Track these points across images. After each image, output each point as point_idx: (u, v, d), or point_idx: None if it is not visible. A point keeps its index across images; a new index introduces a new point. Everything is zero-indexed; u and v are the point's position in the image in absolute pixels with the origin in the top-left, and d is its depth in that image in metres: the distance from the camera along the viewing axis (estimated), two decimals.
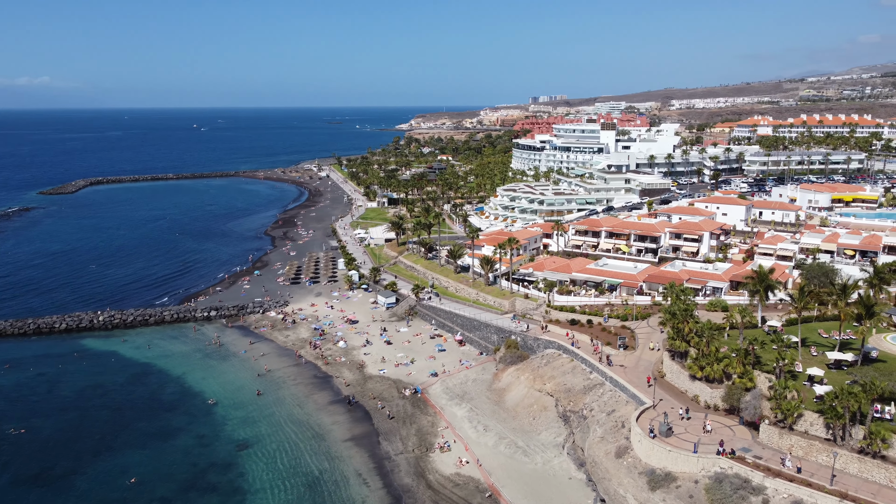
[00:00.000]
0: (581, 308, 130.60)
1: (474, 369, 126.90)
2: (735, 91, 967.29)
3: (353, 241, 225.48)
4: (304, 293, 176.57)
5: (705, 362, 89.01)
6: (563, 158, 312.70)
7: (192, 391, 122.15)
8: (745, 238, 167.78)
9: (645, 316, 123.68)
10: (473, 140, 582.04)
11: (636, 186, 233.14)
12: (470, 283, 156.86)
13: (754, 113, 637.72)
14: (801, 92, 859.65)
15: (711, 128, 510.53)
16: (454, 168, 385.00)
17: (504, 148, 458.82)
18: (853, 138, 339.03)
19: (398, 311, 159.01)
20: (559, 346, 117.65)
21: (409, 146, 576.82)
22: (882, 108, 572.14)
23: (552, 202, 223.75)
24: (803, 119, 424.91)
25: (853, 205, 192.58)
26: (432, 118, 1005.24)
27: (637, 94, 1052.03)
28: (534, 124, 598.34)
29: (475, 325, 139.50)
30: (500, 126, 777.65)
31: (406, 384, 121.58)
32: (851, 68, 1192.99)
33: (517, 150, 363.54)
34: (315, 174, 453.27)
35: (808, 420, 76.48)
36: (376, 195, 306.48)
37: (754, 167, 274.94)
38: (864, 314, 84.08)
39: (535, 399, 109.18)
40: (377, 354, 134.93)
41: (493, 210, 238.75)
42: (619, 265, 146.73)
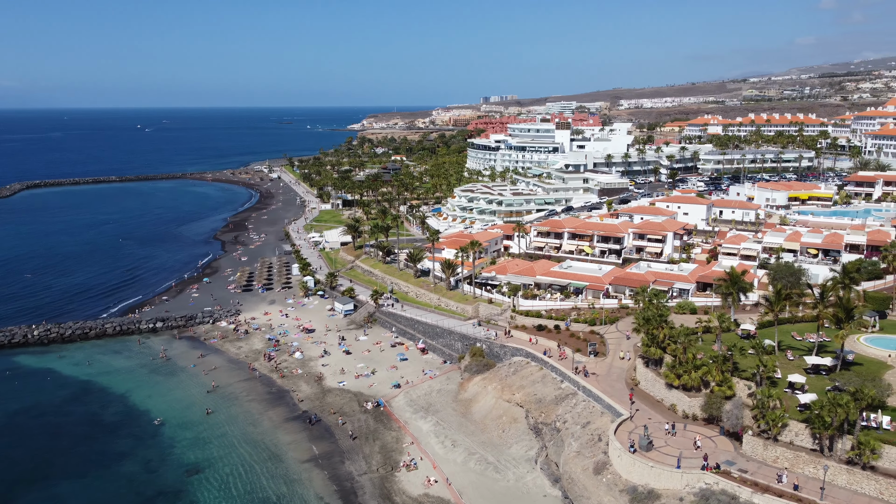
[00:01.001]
0: (547, 313, 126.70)
1: (438, 379, 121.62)
2: (681, 91, 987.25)
3: (307, 244, 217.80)
4: (256, 301, 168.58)
5: (682, 370, 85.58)
6: (519, 158, 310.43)
7: (136, 411, 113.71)
8: (706, 237, 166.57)
9: (613, 320, 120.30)
10: (427, 140, 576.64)
11: (595, 186, 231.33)
12: (431, 288, 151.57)
13: (701, 112, 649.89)
14: (745, 92, 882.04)
15: (661, 127, 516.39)
16: (409, 168, 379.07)
17: (458, 148, 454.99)
18: (801, 136, 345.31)
19: (357, 318, 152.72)
20: (527, 353, 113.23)
21: (362, 146, 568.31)
22: (822, 107, 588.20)
23: (511, 203, 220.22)
24: (751, 118, 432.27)
25: (809, 203, 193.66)
26: (384, 118, 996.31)
27: (587, 94, 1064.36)
28: (487, 124, 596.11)
29: (438, 332, 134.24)
30: (452, 126, 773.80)
31: (367, 397, 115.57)
32: (790, 69, 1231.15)
33: (472, 149, 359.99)
34: (266, 176, 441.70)
35: (793, 430, 73.45)
36: (330, 197, 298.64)
37: (709, 166, 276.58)
38: (844, 317, 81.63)
39: (504, 410, 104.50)
40: (336, 365, 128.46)
41: (450, 211, 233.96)
42: (584, 267, 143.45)
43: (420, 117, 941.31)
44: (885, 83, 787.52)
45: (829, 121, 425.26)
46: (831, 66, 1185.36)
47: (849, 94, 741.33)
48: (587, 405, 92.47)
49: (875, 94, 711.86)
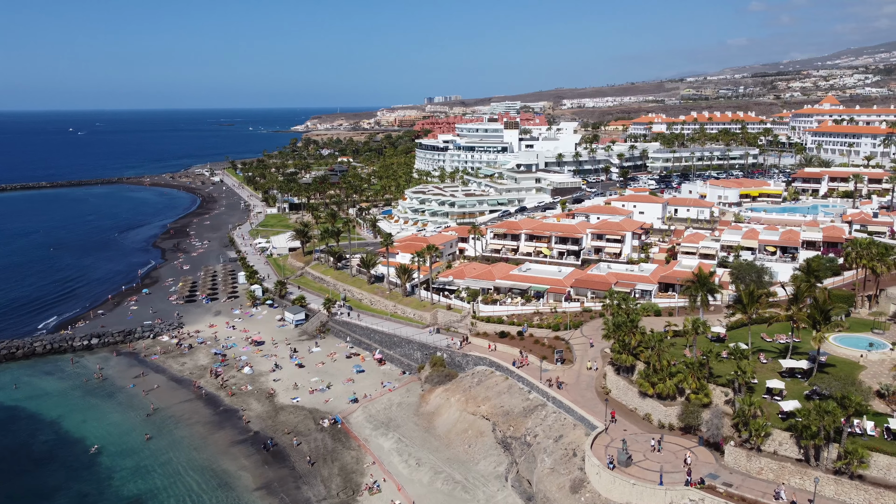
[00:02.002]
0: (509, 318, 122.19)
1: (398, 391, 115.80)
2: (622, 91, 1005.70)
3: (253, 251, 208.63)
4: (200, 312, 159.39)
5: (657, 378, 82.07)
6: (468, 158, 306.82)
7: (70, 438, 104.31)
8: (663, 236, 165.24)
9: (577, 324, 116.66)
10: (374, 141, 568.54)
11: (547, 186, 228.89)
12: (386, 295, 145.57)
13: (642, 111, 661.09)
14: (682, 91, 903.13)
15: (605, 126, 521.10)
16: (356, 170, 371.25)
17: (406, 148, 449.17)
18: (743, 134, 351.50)
19: (308, 328, 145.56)
20: (491, 362, 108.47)
21: (307, 148, 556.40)
22: (757, 105, 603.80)
23: (464, 204, 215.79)
24: (693, 116, 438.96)
25: (759, 199, 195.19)
26: (328, 119, 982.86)
27: (530, 94, 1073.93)
28: (434, 124, 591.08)
29: (395, 342, 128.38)
30: (398, 126, 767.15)
31: (324, 414, 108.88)
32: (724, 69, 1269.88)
33: (420, 150, 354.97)
34: (207, 179, 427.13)
35: (777, 439, 70.50)
36: (276, 200, 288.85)
37: (658, 164, 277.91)
38: (821, 319, 79.36)
39: (469, 423, 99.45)
40: (288, 380, 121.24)
41: (402, 213, 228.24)
42: (543, 270, 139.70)
43: (365, 118, 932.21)
44: (814, 82, 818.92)
45: (767, 119, 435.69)
46: (762, 66, 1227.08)
47: (781, 92, 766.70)
48: (558, 417, 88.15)
49: (805, 93, 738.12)
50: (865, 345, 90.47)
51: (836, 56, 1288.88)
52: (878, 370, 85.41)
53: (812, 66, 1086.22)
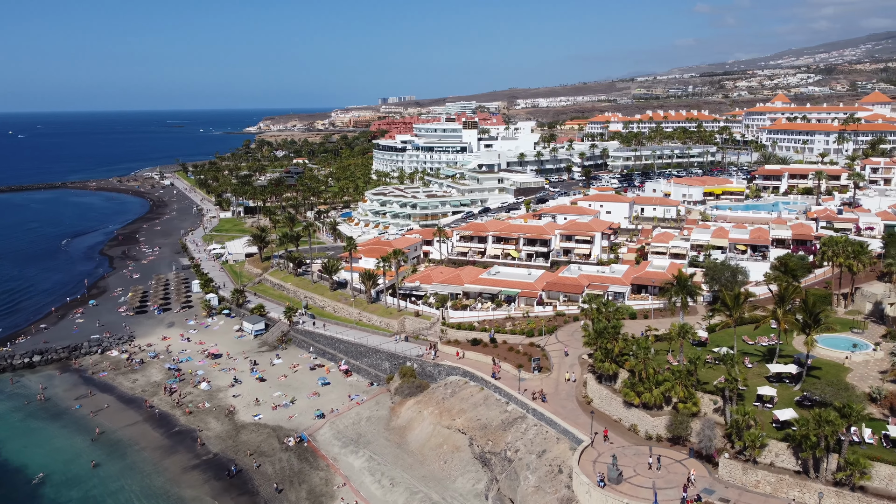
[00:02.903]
0: (480, 324, 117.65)
1: (367, 405, 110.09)
2: (574, 90, 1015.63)
3: (208, 257, 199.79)
4: (152, 324, 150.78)
5: (643, 387, 78.36)
6: (427, 158, 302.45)
7: (9, 467, 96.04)
8: (631, 236, 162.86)
9: (552, 329, 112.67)
10: (329, 142, 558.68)
11: (510, 186, 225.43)
12: (350, 302, 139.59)
13: (595, 111, 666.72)
14: (634, 91, 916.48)
15: (562, 125, 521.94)
16: (313, 172, 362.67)
17: (363, 149, 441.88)
18: (699, 132, 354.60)
19: (269, 338, 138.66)
20: (465, 372, 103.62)
21: (261, 150, 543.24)
22: (706, 104, 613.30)
23: (426, 205, 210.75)
24: (649, 115, 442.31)
25: (723, 197, 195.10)
26: (282, 120, 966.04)
27: (485, 94, 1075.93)
28: (390, 124, 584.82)
29: (362, 351, 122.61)
30: (353, 127, 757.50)
31: (288, 431, 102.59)
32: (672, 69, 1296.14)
33: (378, 151, 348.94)
34: (157, 183, 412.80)
35: (773, 450, 67.33)
36: (230, 204, 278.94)
37: (619, 162, 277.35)
38: (811, 322, 76.71)
39: (444, 438, 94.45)
40: (249, 395, 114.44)
41: (362, 216, 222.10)
42: (513, 273, 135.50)
43: (319, 119, 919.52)
44: (759, 81, 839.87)
45: (720, 117, 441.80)
46: (709, 66, 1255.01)
47: (728, 91, 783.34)
48: (540, 430, 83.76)
49: (752, 92, 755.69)
50: (849, 346, 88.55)
51: (778, 56, 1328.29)
52: (864, 372, 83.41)
53: (756, 66, 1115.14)
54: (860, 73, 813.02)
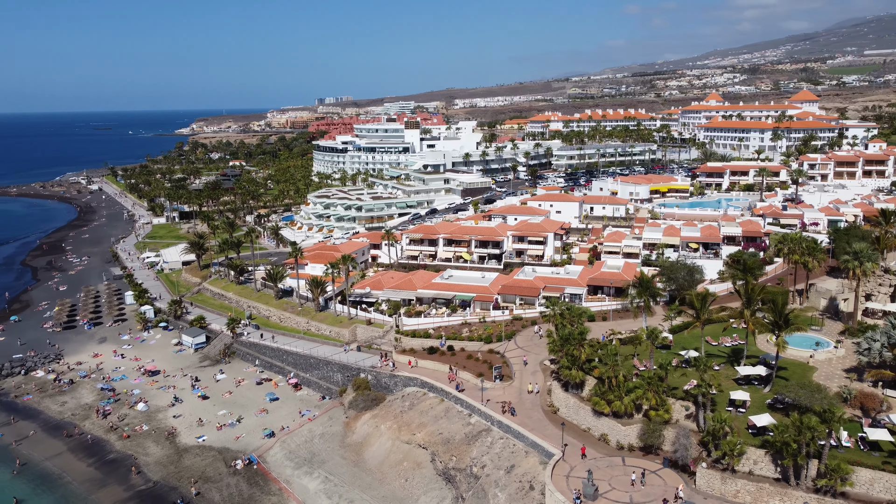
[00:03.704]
0: (436, 331, 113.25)
1: (319, 420, 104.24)
2: (511, 90, 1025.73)
3: (141, 266, 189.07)
4: (82, 340, 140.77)
5: (614, 395, 75.40)
6: (370, 159, 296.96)
7: None
8: (581, 235, 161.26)
9: (510, 335, 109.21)
10: (266, 143, 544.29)
11: (457, 186, 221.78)
12: (297, 311, 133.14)
13: (533, 110, 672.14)
14: (570, 90, 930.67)
15: (501, 125, 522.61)
16: (251, 174, 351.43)
17: (302, 150, 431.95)
18: (639, 131, 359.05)
19: (211, 352, 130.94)
20: (423, 382, 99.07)
21: (194, 152, 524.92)
22: (640, 103, 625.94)
23: (371, 207, 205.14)
24: (588, 114, 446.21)
25: (669, 195, 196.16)
26: (216, 121, 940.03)
27: (423, 94, 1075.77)
28: (329, 125, 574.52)
29: (312, 363, 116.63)
30: (290, 128, 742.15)
31: (236, 453, 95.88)
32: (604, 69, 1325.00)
33: (318, 152, 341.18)
34: (84, 188, 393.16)
35: (752, 458, 65.23)
36: (164, 209, 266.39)
37: (563, 161, 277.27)
38: (781, 323, 75.19)
39: (405, 454, 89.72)
40: (192, 415, 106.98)
41: (305, 220, 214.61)
42: (467, 276, 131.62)
43: (254, 120, 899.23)
44: (689, 81, 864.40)
45: (657, 115, 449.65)
46: (640, 66, 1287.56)
47: (660, 91, 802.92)
48: (506, 444, 79.92)
49: (682, 91, 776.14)
50: (812, 344, 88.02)
51: (705, 57, 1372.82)
52: (829, 370, 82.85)
53: (685, 66, 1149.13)
54: (782, 72, 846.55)
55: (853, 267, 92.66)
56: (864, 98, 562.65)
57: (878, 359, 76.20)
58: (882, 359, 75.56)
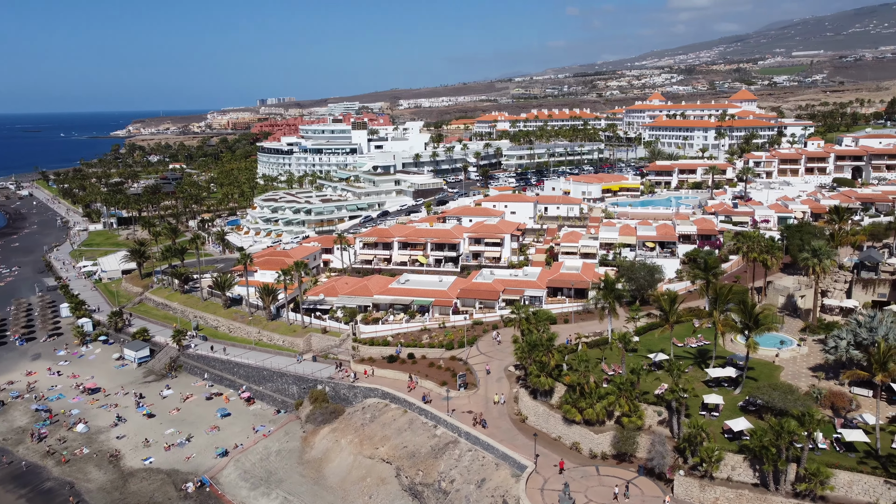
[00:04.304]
0: (395, 338, 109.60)
1: (275, 436, 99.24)
2: (455, 91, 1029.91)
3: (77, 276, 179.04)
4: (14, 357, 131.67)
5: (585, 402, 73.24)
6: (316, 161, 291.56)
7: None
8: (537, 236, 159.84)
9: (472, 340, 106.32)
10: (208, 145, 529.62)
11: (408, 188, 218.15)
12: (248, 320, 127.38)
13: (478, 110, 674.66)
14: (513, 90, 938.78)
15: (448, 125, 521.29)
16: (192, 177, 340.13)
17: (245, 152, 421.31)
18: (585, 130, 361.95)
19: (156, 366, 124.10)
20: (384, 393, 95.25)
21: (132, 155, 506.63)
22: (582, 103, 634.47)
23: (321, 210, 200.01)
24: (535, 114, 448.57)
25: (620, 194, 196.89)
26: (154, 123, 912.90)
27: (367, 95, 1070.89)
28: (273, 126, 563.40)
29: (265, 376, 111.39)
30: (232, 129, 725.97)
31: (186, 475, 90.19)
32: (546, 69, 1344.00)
33: (262, 154, 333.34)
34: (13, 193, 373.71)
35: (729, 464, 63.87)
36: (101, 215, 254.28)
37: (512, 161, 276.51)
38: (751, 324, 74.31)
39: (368, 469, 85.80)
40: (137, 435, 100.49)
41: (252, 224, 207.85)
42: (424, 280, 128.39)
43: (194, 121, 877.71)
44: (628, 81, 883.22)
45: (601, 115, 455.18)
46: (581, 67, 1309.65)
47: (601, 91, 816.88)
48: (475, 456, 76.87)
49: (623, 91, 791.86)
50: (776, 343, 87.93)
51: (642, 58, 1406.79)
52: (795, 369, 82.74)
53: (624, 67, 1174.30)
54: (716, 73, 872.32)
55: (813, 264, 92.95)
56: (796, 97, 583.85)
57: (844, 357, 76.10)
58: (849, 356, 75.45)
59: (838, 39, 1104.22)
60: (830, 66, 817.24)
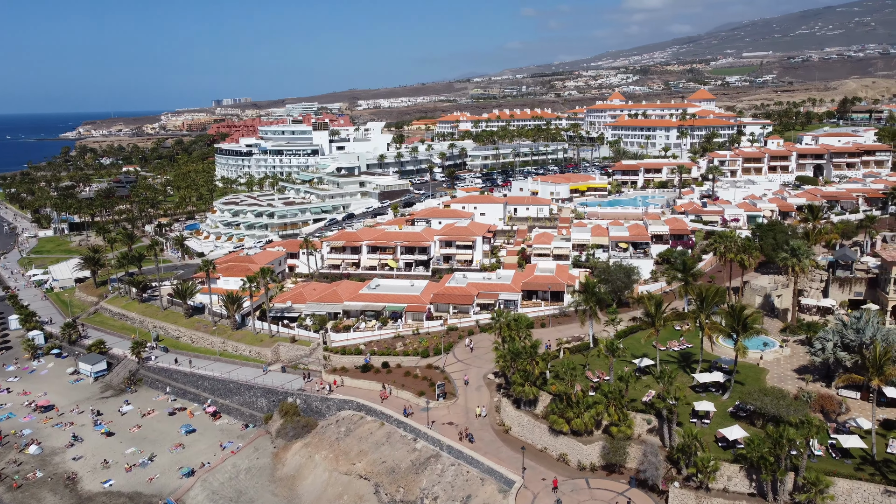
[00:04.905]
0: (368, 346, 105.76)
1: (244, 453, 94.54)
2: (414, 91, 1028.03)
3: (27, 285, 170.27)
4: None
5: (573, 413, 70.63)
6: (277, 162, 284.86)
7: None
8: (507, 238, 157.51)
9: (448, 347, 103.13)
10: (163, 147, 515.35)
11: (373, 189, 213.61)
12: (211, 330, 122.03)
13: (438, 110, 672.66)
14: (472, 91, 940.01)
15: (409, 125, 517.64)
16: (147, 180, 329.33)
17: (202, 154, 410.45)
18: (548, 130, 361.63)
19: (114, 381, 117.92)
20: (359, 405, 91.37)
21: (83, 157, 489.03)
22: (541, 103, 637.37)
23: (284, 214, 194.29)
24: (496, 114, 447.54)
25: (588, 194, 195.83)
26: (105, 125, 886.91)
27: (325, 95, 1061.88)
28: (231, 127, 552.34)
29: (232, 388, 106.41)
30: (188, 131, 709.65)
31: (150, 498, 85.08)
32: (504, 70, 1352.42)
33: (220, 155, 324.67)
34: None
35: (725, 474, 61.89)
36: (51, 220, 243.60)
37: (477, 161, 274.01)
38: (739, 328, 72.62)
39: (344, 486, 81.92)
40: (95, 456, 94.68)
41: (212, 228, 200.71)
42: (395, 285, 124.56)
43: (148, 122, 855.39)
44: (585, 81, 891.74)
45: (562, 115, 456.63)
46: (538, 68, 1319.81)
47: (559, 91, 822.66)
48: (459, 470, 73.64)
49: (581, 91, 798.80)
50: (759, 344, 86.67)
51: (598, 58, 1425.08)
52: (780, 371, 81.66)
53: (580, 67, 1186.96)
54: (671, 73, 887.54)
55: (792, 264, 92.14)
56: (749, 97, 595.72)
57: (831, 359, 75.00)
58: (836, 358, 74.36)
59: (786, 41, 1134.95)
60: (779, 67, 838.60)
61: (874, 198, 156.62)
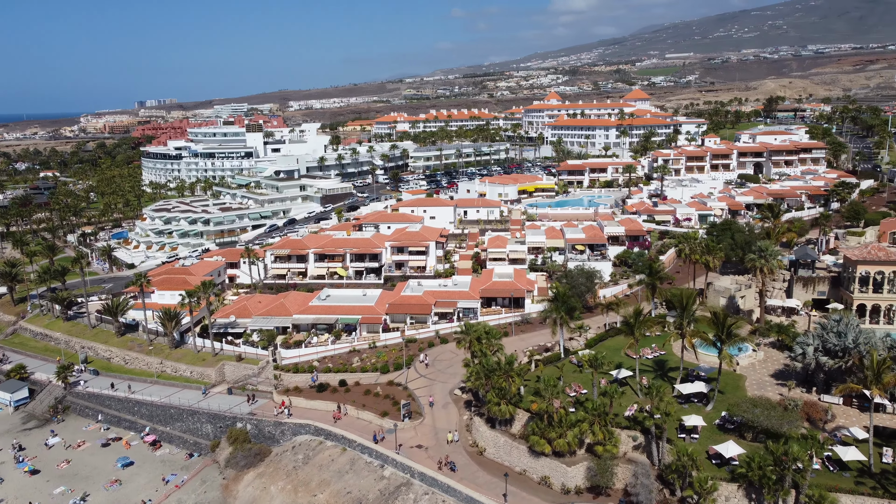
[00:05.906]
0: (322, 363, 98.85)
1: (189, 486, 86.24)
2: (346, 92, 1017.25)
3: None
4: None
5: (555, 432, 65.97)
6: (209, 166, 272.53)
7: None
8: (459, 241, 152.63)
9: (409, 360, 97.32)
10: (84, 150, 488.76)
11: (315, 193, 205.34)
12: (147, 349, 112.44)
13: (371, 111, 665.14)
14: (405, 91, 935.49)
15: (343, 126, 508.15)
16: (68, 186, 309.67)
17: (126, 157, 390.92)
18: (488, 130, 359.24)
19: (37, 409, 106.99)
20: (317, 429, 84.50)
21: None
22: (475, 103, 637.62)
23: (220, 220, 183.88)
24: (434, 115, 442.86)
25: (535, 195, 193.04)
26: (18, 127, 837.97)
27: (255, 96, 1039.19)
28: (156, 129, 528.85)
29: (172, 414, 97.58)
30: (109, 133, 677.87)
31: None
32: (435, 70, 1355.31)
33: (147, 159, 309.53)
34: None
35: (723, 493, 58.35)
36: None
37: (419, 163, 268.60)
38: (723, 336, 69.50)
39: None
40: (18, 499, 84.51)
41: (142, 237, 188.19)
42: (347, 296, 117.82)
43: (66, 125, 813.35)
44: (517, 82, 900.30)
45: (500, 115, 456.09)
46: (469, 68, 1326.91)
47: (492, 91, 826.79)
48: (433, 500, 67.96)
49: (513, 91, 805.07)
50: (734, 350, 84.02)
51: (527, 59, 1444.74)
52: (757, 377, 79.46)
53: (510, 68, 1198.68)
54: (599, 74, 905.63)
55: (760, 265, 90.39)
56: (676, 97, 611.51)
57: (813, 364, 72.91)
58: (818, 363, 72.28)
59: (705, 42, 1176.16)
60: (701, 68, 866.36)
61: (816, 195, 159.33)
